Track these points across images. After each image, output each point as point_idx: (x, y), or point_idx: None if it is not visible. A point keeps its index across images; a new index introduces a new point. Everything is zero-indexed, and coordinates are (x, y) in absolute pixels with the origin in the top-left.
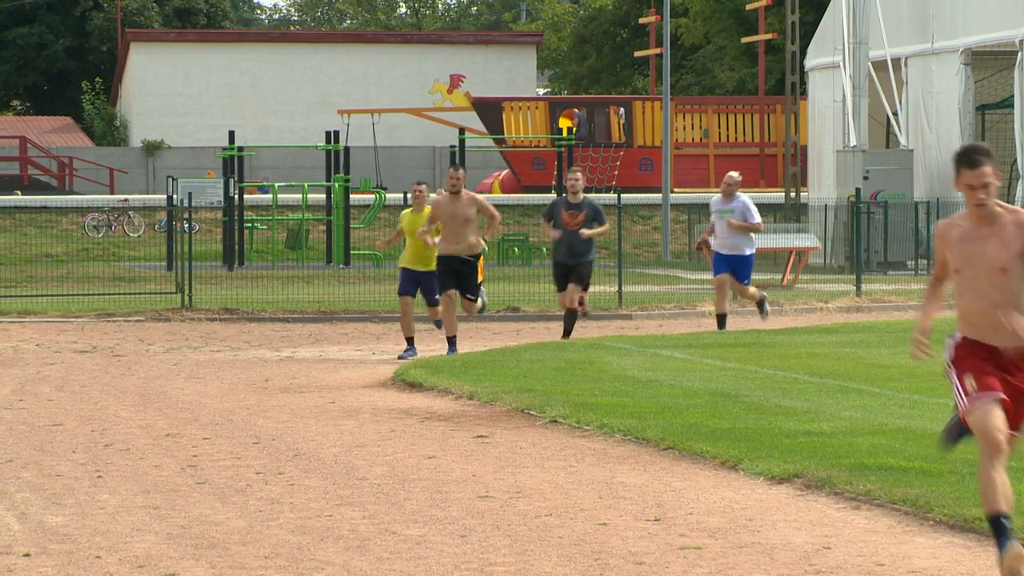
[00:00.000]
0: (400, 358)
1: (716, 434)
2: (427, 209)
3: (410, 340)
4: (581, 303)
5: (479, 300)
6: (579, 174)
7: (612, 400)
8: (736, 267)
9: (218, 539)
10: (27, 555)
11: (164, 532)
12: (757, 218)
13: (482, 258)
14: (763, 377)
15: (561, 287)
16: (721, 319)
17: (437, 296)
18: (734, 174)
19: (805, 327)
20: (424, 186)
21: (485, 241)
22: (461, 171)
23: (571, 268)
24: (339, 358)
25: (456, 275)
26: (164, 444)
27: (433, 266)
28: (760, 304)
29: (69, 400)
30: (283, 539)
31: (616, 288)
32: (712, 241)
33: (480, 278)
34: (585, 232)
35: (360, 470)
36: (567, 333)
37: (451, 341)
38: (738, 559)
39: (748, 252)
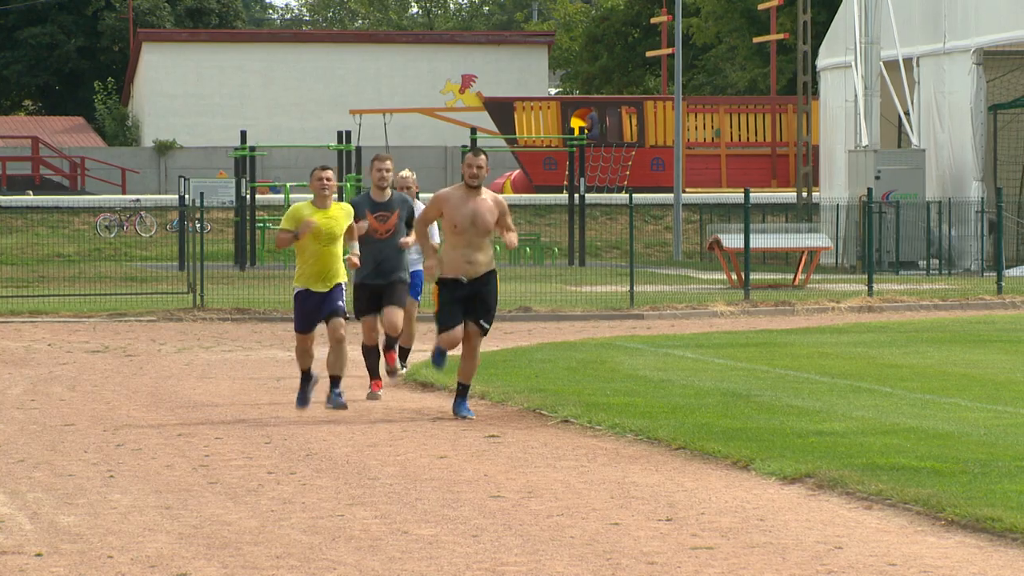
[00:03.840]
0: (300, 403)
1: (728, 434)
2: (336, 207)
3: (307, 372)
4: (393, 356)
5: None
6: (389, 163)
7: (624, 400)
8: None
9: (230, 539)
10: (39, 555)
11: (176, 532)
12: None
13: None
14: (775, 377)
15: (367, 309)
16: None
17: (344, 311)
18: (408, 172)
19: (817, 327)
20: (331, 171)
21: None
22: (483, 156)
23: (382, 290)
24: (351, 358)
25: (465, 301)
26: (176, 444)
27: (341, 277)
28: (399, 361)
29: (81, 400)
30: (295, 539)
31: (628, 288)
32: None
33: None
34: (406, 241)
35: (372, 470)
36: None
37: (463, 390)
38: (750, 559)
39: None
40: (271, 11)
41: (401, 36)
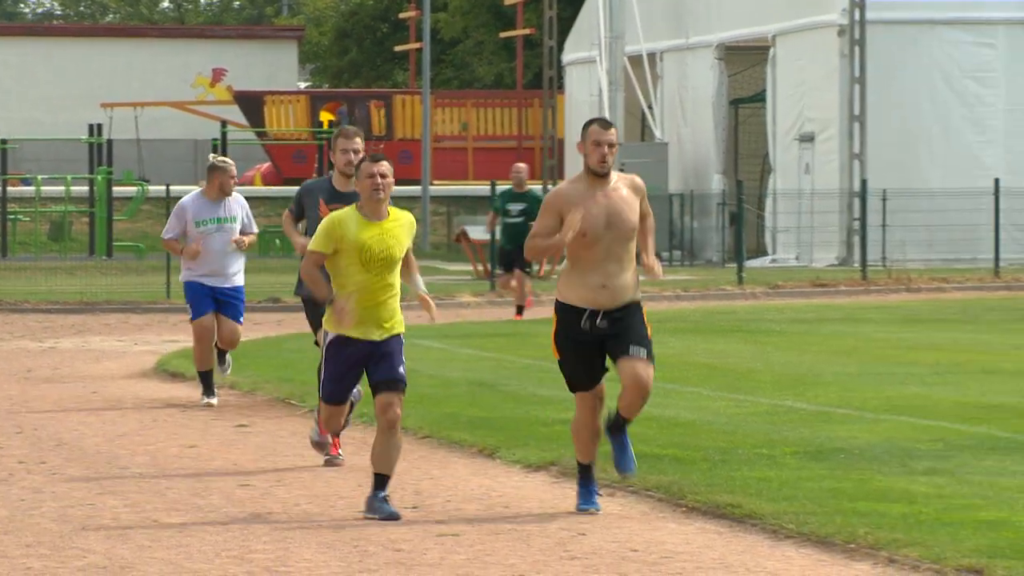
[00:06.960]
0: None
1: (474, 423)
2: (395, 217)
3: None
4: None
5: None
6: (359, 140)
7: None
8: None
9: None
10: None
11: None
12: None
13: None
14: (521, 367)
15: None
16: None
17: (405, 381)
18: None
19: None
20: (387, 163)
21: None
22: (614, 129)
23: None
24: (101, 348)
25: (600, 344)
26: None
27: (398, 325)
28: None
29: None
30: (45, 528)
31: None
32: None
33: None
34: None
35: (122, 459)
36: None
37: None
38: (495, 545)
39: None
40: (22, 4)
41: (152, 30)
